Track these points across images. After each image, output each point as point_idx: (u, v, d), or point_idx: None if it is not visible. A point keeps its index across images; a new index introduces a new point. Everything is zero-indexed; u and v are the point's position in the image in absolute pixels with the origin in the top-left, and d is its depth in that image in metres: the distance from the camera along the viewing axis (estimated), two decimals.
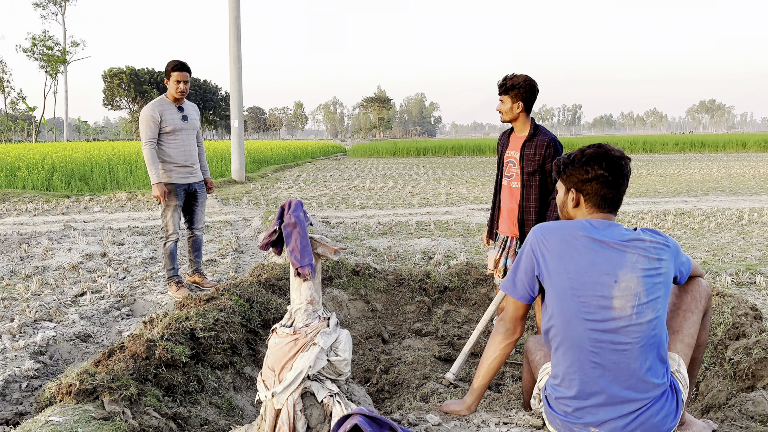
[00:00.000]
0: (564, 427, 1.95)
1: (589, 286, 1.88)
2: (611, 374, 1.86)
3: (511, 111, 3.44)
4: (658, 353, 1.89)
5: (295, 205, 2.14)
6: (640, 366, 1.85)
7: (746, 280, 5.09)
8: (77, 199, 11.88)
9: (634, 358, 1.85)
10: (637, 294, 1.86)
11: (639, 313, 1.85)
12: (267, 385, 2.05)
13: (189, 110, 4.96)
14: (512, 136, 3.60)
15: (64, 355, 3.68)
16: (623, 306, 1.85)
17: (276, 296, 4.08)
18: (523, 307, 2.09)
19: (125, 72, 69.47)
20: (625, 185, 2.01)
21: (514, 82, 3.39)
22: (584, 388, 1.89)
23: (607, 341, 1.86)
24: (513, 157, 3.55)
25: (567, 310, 1.90)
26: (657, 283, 1.89)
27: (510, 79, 3.40)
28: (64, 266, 5.80)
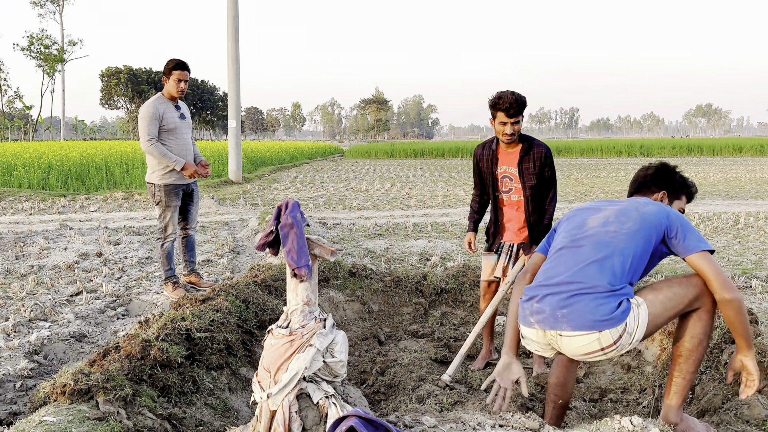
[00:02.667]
0: (521, 313, 2.37)
1: (578, 217, 2.48)
2: (567, 263, 2.30)
3: (519, 130, 3.40)
4: (613, 260, 2.22)
5: (292, 206, 2.13)
6: (591, 258, 2.25)
7: (742, 284, 5.10)
8: (73, 199, 11.85)
9: (588, 251, 2.28)
10: (609, 216, 2.37)
11: (604, 224, 2.34)
12: (262, 387, 2.04)
13: (184, 109, 4.97)
14: (501, 152, 3.52)
15: (59, 355, 3.67)
16: (595, 224, 2.37)
17: (272, 297, 4.07)
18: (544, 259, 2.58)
19: (123, 71, 69.32)
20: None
21: (523, 99, 3.31)
22: (544, 276, 2.34)
23: (572, 241, 2.36)
24: (509, 173, 3.51)
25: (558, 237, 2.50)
26: (633, 215, 2.32)
27: (518, 97, 3.28)
28: (60, 265, 5.78)
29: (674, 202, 2.60)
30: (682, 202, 2.62)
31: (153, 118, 4.64)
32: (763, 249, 6.87)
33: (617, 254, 2.23)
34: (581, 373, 3.54)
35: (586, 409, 3.02)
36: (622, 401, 3.13)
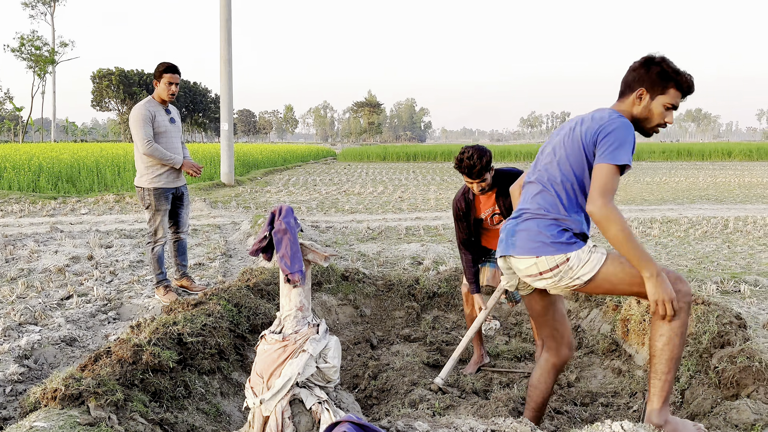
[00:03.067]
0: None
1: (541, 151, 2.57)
2: (524, 196, 2.50)
3: (490, 182, 3.41)
4: (554, 190, 2.35)
5: (286, 212, 2.14)
6: (537, 190, 2.41)
7: (731, 288, 5.14)
8: (64, 201, 11.78)
9: (536, 185, 2.43)
10: (554, 146, 2.45)
11: (547, 155, 2.44)
12: (255, 392, 2.04)
13: (174, 113, 4.97)
14: (479, 199, 3.54)
15: (50, 359, 3.65)
16: (543, 156, 2.48)
17: (265, 301, 4.07)
18: None
19: (114, 73, 69.02)
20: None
21: (488, 158, 3.31)
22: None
23: (529, 176, 2.50)
24: (496, 210, 3.53)
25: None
26: (568, 140, 2.38)
27: (480, 158, 3.28)
28: (50, 269, 5.74)
29: (658, 97, 2.33)
30: (669, 96, 2.33)
31: (146, 120, 4.64)
32: (751, 253, 6.93)
33: (556, 184, 2.35)
34: (572, 377, 3.56)
35: (577, 413, 3.04)
36: (612, 405, 3.14)
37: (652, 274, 2.16)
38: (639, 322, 3.65)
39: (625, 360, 3.66)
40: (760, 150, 38.42)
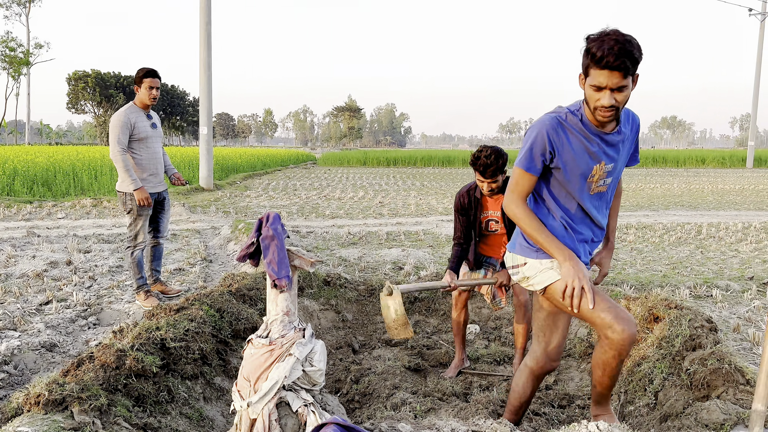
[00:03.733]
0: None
1: None
2: None
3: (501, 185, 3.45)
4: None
5: (273, 218, 2.17)
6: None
7: (704, 293, 5.28)
8: (40, 205, 11.62)
9: None
10: None
11: None
12: (242, 395, 2.08)
13: (156, 118, 4.97)
14: (485, 198, 3.57)
15: (30, 365, 3.63)
16: None
17: (247, 306, 4.09)
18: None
19: (90, 75, 68.11)
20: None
21: (504, 160, 3.36)
22: None
23: None
24: (494, 216, 3.58)
25: None
26: None
27: (497, 159, 3.33)
28: (28, 274, 5.68)
29: (588, 79, 2.24)
30: (592, 76, 2.19)
31: (124, 127, 4.62)
32: (723, 259, 7.11)
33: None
34: (551, 380, 3.64)
35: (555, 415, 3.11)
36: (589, 407, 3.22)
37: (564, 259, 2.36)
38: None
39: None
40: (733, 157, 39.27)
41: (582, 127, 2.36)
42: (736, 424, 2.34)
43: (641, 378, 3.17)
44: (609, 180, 2.47)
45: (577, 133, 2.36)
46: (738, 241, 8.44)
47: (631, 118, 2.50)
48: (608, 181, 2.47)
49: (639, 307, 3.70)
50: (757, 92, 35.37)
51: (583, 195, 2.45)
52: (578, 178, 2.40)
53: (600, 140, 2.37)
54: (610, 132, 2.37)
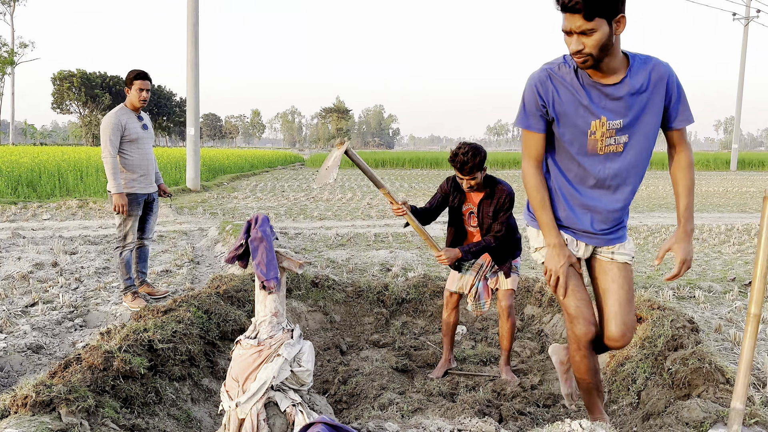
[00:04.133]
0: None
1: None
2: None
3: (480, 181, 3.48)
4: None
5: (262, 220, 2.20)
6: None
7: (686, 294, 5.36)
8: (25, 206, 11.52)
9: None
10: None
11: None
12: (231, 396, 2.10)
13: (147, 120, 4.99)
14: (469, 192, 3.59)
15: (16, 367, 3.61)
16: None
17: (234, 308, 4.10)
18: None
19: (76, 75, 67.49)
20: None
21: (482, 157, 3.37)
22: None
23: None
24: (471, 209, 3.62)
25: None
26: None
27: (474, 156, 3.34)
28: (14, 276, 5.65)
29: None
30: (562, 23, 2.21)
31: (115, 128, 4.64)
32: (706, 260, 7.22)
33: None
34: (536, 380, 3.68)
35: (540, 415, 3.16)
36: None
37: (549, 244, 2.36)
38: None
39: None
40: (717, 160, 39.76)
41: (573, 77, 2.20)
42: (715, 422, 2.39)
43: (625, 378, 3.22)
44: (624, 138, 2.24)
45: (567, 84, 2.21)
46: (721, 242, 8.56)
47: (651, 68, 2.22)
48: (622, 140, 2.24)
49: None
50: (740, 95, 35.84)
51: (588, 155, 2.27)
52: (577, 135, 2.25)
53: (597, 92, 2.19)
54: (612, 84, 2.18)
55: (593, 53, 2.06)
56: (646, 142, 2.29)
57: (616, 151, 2.26)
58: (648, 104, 2.22)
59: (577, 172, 2.32)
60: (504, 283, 3.69)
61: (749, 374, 2.27)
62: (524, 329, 4.71)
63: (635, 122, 2.23)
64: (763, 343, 4.00)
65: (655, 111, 2.24)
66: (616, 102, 2.18)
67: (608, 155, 2.27)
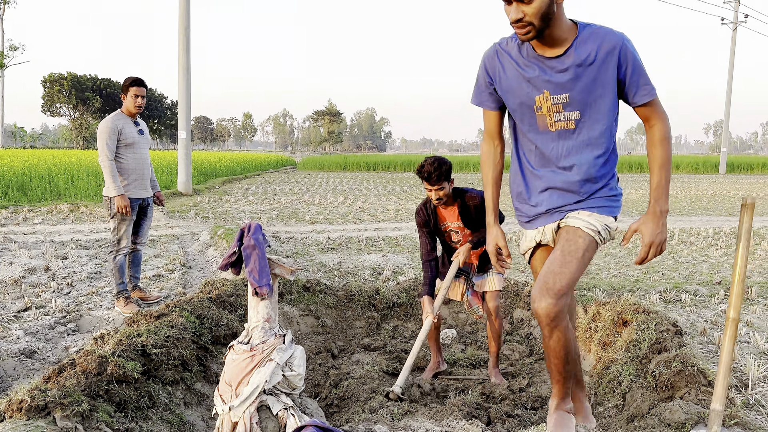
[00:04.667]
0: None
1: None
2: None
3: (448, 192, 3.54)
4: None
5: (255, 228, 2.25)
6: None
7: (673, 297, 5.44)
8: (16, 210, 11.49)
9: None
10: None
11: None
12: (224, 399, 2.14)
13: (143, 125, 5.07)
14: (440, 210, 3.67)
15: (9, 372, 3.64)
16: None
17: (227, 312, 4.14)
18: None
19: (66, 78, 67.16)
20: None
21: (447, 167, 3.44)
22: None
23: None
24: (453, 227, 3.69)
25: None
26: None
27: (436, 168, 3.40)
28: (6, 281, 5.65)
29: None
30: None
31: (111, 133, 4.72)
32: (694, 264, 7.32)
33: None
34: (524, 382, 3.74)
35: (528, 417, 3.22)
36: None
37: (488, 224, 2.44)
38: (585, 330, 3.88)
39: None
40: (707, 163, 40.13)
41: (518, 51, 2.12)
42: (696, 423, 2.46)
43: (610, 380, 3.29)
44: (575, 115, 2.12)
45: (512, 59, 2.13)
46: (708, 246, 8.67)
47: (601, 39, 2.07)
48: (573, 116, 2.12)
49: (609, 311, 3.83)
50: (729, 99, 36.20)
51: (540, 133, 2.18)
52: (525, 112, 2.17)
53: (541, 65, 2.09)
54: (555, 56, 2.07)
55: (534, 22, 1.96)
56: (602, 119, 2.14)
57: (567, 128, 2.15)
58: (597, 77, 2.07)
59: (534, 151, 2.24)
60: (491, 284, 3.76)
61: (728, 377, 2.35)
62: (513, 332, 4.77)
63: (585, 97, 2.09)
64: (747, 345, 4.08)
65: (606, 85, 2.08)
66: (561, 75, 2.06)
67: (560, 132, 2.16)
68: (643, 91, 2.11)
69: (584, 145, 2.16)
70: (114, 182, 4.71)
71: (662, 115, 2.18)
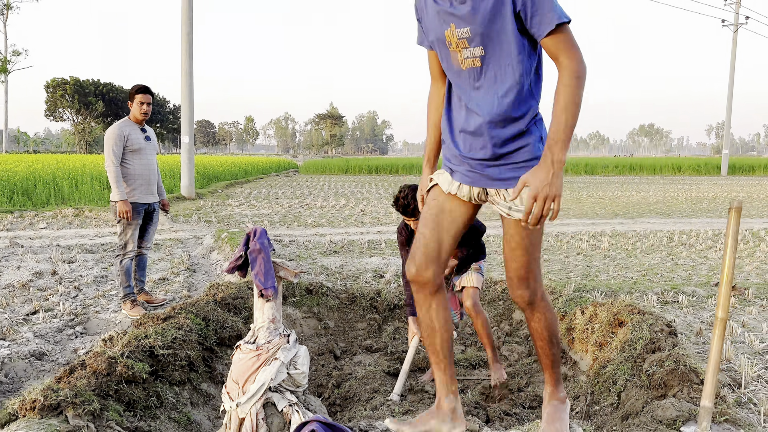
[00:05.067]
0: None
1: None
2: None
3: None
4: None
5: (260, 233, 2.34)
6: None
7: (670, 298, 5.51)
8: (21, 215, 11.61)
9: None
10: None
11: None
12: (231, 397, 2.23)
13: (150, 132, 5.19)
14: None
15: (20, 373, 3.73)
16: None
17: (231, 315, 4.23)
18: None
19: (69, 83, 67.49)
20: None
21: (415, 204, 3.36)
22: None
23: None
24: None
25: None
26: None
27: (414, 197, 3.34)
28: (14, 284, 5.75)
29: None
30: None
31: (117, 139, 4.83)
32: (693, 265, 7.39)
33: None
34: (522, 382, 3.82)
35: (525, 416, 3.30)
36: None
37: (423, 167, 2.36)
38: (582, 331, 3.96)
39: (571, 366, 3.95)
40: (708, 165, 40.16)
41: None
42: (687, 420, 2.54)
43: (606, 379, 3.37)
44: (479, 51, 1.95)
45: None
46: (708, 248, 8.74)
47: None
48: (478, 52, 1.95)
49: (605, 312, 3.91)
50: (730, 101, 36.25)
51: (453, 71, 2.05)
52: (441, 49, 2.04)
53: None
54: None
55: None
56: (507, 58, 1.93)
57: (474, 65, 1.97)
58: (495, 8, 1.88)
59: (455, 92, 2.10)
60: (467, 281, 3.72)
61: (717, 374, 2.43)
62: (513, 334, 4.85)
63: (485, 30, 1.90)
64: (742, 346, 4.15)
65: (505, 17, 1.88)
66: (461, 6, 1.91)
67: (470, 71, 1.99)
68: (544, 18, 1.85)
69: (491, 86, 1.97)
70: (118, 187, 4.82)
71: (572, 51, 1.89)
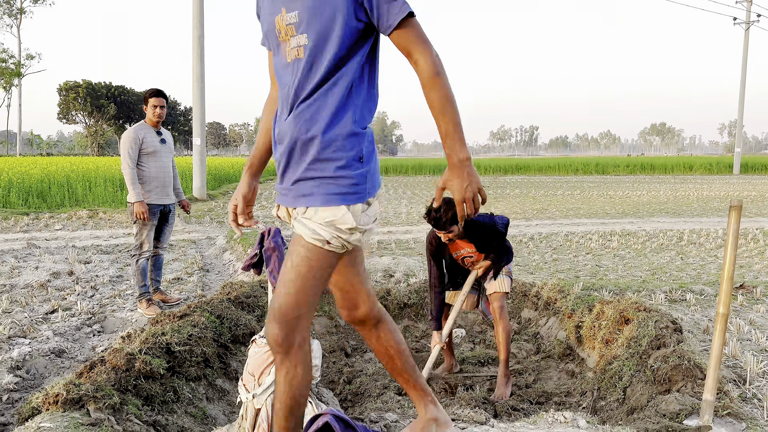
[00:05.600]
0: None
1: None
2: None
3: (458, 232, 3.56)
4: None
5: (275, 232, 2.44)
6: None
7: (678, 297, 5.55)
8: (37, 217, 11.80)
9: None
10: None
11: None
12: (247, 389, 2.32)
13: (166, 135, 5.31)
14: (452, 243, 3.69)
15: (41, 370, 3.85)
16: None
17: (245, 313, 4.32)
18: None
19: (81, 86, 68.14)
20: None
21: (455, 212, 3.40)
22: None
23: None
24: (468, 253, 3.75)
25: None
26: None
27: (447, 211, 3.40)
28: (33, 284, 5.89)
29: None
30: None
31: (133, 142, 4.96)
32: (702, 264, 7.41)
33: None
34: (531, 379, 3.89)
35: (533, 411, 3.37)
36: (565, 403, 3.48)
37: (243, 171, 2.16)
38: (590, 329, 4.02)
39: (578, 363, 4.02)
40: (720, 164, 39.89)
41: None
42: (690, 413, 2.60)
43: (612, 375, 3.43)
44: (303, 39, 1.67)
45: None
46: (717, 247, 8.74)
47: None
48: (302, 41, 1.67)
49: (612, 310, 3.97)
50: (742, 99, 36.02)
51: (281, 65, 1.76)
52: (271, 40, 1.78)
53: None
54: None
55: None
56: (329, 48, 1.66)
57: (298, 57, 1.69)
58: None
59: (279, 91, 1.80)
60: (497, 286, 3.78)
61: (719, 369, 2.49)
62: (521, 332, 4.92)
63: (312, 17, 1.65)
64: (749, 343, 4.19)
65: (337, 6, 1.64)
66: None
67: (294, 63, 1.71)
68: (388, 10, 1.64)
69: (308, 85, 1.70)
70: (134, 189, 4.94)
71: (422, 45, 1.71)
